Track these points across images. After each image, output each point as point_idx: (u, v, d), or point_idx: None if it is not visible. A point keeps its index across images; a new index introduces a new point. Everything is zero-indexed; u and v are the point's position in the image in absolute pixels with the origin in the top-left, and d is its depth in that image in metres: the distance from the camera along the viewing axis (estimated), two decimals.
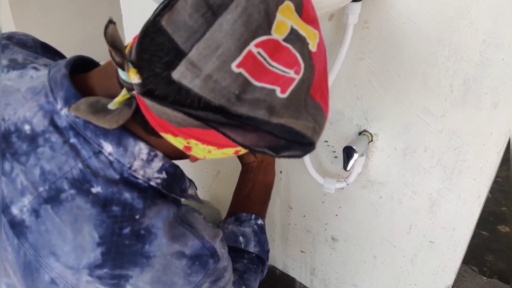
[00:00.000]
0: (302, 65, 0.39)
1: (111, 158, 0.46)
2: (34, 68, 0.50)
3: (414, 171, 0.83)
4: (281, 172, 1.07)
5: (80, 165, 0.45)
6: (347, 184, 0.90)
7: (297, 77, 0.39)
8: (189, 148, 0.44)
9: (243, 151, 0.46)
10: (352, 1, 0.68)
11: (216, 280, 0.51)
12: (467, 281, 1.31)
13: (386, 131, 0.83)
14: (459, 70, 0.70)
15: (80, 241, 0.44)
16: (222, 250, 0.53)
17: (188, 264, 0.48)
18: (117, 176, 0.46)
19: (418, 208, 0.87)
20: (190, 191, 0.55)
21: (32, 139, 0.45)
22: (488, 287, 1.30)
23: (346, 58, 0.78)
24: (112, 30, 0.39)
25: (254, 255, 0.71)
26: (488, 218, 1.55)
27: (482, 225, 1.52)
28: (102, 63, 0.51)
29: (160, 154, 0.48)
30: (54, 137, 0.45)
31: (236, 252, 0.70)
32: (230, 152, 0.45)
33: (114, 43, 0.39)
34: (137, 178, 0.47)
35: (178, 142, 0.44)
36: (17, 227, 0.45)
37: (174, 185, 0.51)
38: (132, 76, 0.39)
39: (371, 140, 0.85)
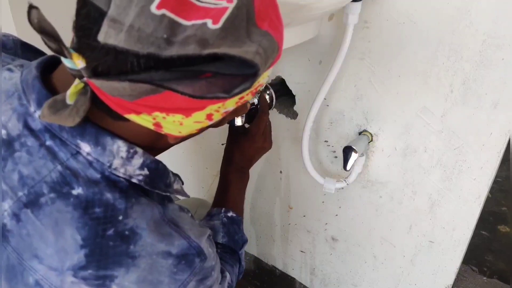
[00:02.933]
0: None
1: (89, 158, 0.45)
2: (9, 69, 0.49)
3: (414, 171, 0.83)
4: (281, 172, 1.07)
5: (59, 167, 0.44)
6: (347, 184, 0.90)
7: (231, 5, 0.37)
8: (159, 125, 0.43)
9: (215, 114, 0.44)
10: (352, 1, 0.68)
11: (203, 279, 0.51)
12: (467, 281, 1.30)
13: (386, 131, 0.83)
14: (459, 70, 0.70)
15: (62, 243, 0.44)
16: (209, 249, 0.52)
17: (174, 263, 0.47)
18: (98, 175, 0.45)
19: (418, 208, 0.87)
20: (175, 186, 0.54)
21: (9, 143, 0.45)
22: (488, 287, 1.30)
23: (346, 58, 0.78)
24: (36, 15, 0.37)
25: (223, 245, 0.71)
26: (488, 218, 1.55)
27: (482, 225, 1.52)
28: None
29: (139, 150, 0.47)
30: (30, 141, 0.44)
31: None
32: (201, 117, 0.43)
33: (44, 29, 0.37)
34: (118, 176, 0.46)
35: (145, 121, 0.42)
36: None
37: (158, 181, 0.50)
38: (76, 62, 0.38)
39: (371, 140, 0.85)
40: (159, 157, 0.52)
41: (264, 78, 0.46)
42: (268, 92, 0.90)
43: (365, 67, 0.80)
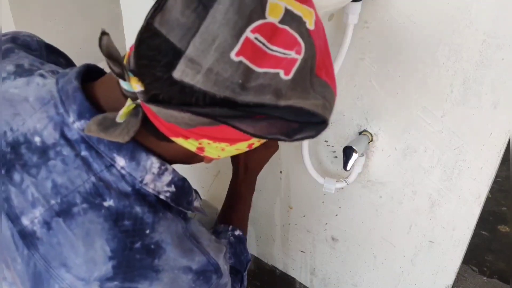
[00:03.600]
0: (302, 45, 0.39)
1: (123, 171, 0.46)
2: (41, 75, 0.49)
3: (414, 171, 0.83)
4: (281, 172, 1.07)
5: (93, 178, 0.45)
6: (347, 184, 0.90)
7: (299, 57, 0.39)
8: (202, 149, 0.44)
9: (256, 143, 0.45)
10: (352, 1, 0.68)
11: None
12: (467, 281, 1.31)
13: (386, 131, 0.83)
14: (459, 70, 0.70)
15: (92, 254, 0.45)
16: (224, 267, 0.54)
17: (193, 278, 0.49)
18: (129, 189, 0.46)
19: (418, 208, 0.87)
20: (195, 203, 0.55)
21: (43, 151, 0.45)
22: (488, 287, 1.31)
23: (346, 58, 0.78)
24: (106, 41, 0.39)
25: (229, 266, 0.72)
26: (488, 218, 1.55)
27: (482, 225, 1.52)
28: (102, 64, 0.51)
29: (170, 168, 0.49)
30: (66, 151, 0.45)
31: None
32: (243, 146, 0.45)
33: (111, 54, 0.39)
34: (147, 191, 0.47)
35: (190, 145, 0.44)
36: (27, 238, 0.45)
37: (182, 198, 0.52)
38: (134, 85, 0.39)
39: (371, 140, 0.85)
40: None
41: None
42: None
43: (365, 67, 0.80)
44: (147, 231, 0.46)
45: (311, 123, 0.42)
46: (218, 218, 0.80)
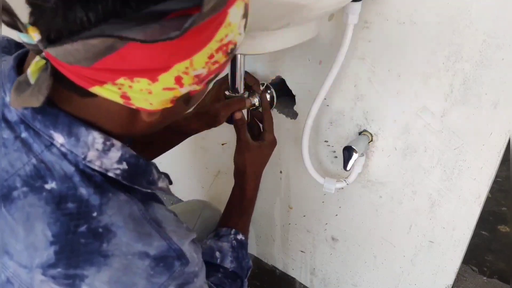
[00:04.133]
0: None
1: (63, 149, 0.43)
2: None
3: (414, 171, 0.83)
4: (281, 172, 1.07)
5: (33, 160, 0.43)
6: (347, 184, 0.90)
7: None
8: (126, 97, 0.40)
9: (185, 78, 0.41)
10: (352, 1, 0.68)
11: (184, 284, 0.48)
12: (467, 281, 1.30)
13: (386, 131, 0.83)
14: (459, 70, 0.70)
15: (32, 239, 0.43)
16: (193, 254, 0.50)
17: (151, 265, 0.45)
18: (73, 169, 0.44)
19: (418, 208, 0.87)
20: (161, 184, 0.52)
21: None
22: (488, 287, 1.30)
23: (346, 58, 0.78)
24: None
25: (230, 270, 0.69)
26: (488, 218, 1.55)
27: (482, 225, 1.52)
28: None
29: (117, 143, 0.46)
30: (6, 133, 0.43)
31: (211, 267, 0.68)
32: (169, 82, 0.40)
33: (2, 6, 0.37)
34: (93, 170, 0.45)
35: (111, 92, 0.40)
36: None
37: (139, 177, 0.49)
38: (33, 35, 0.37)
39: (371, 140, 0.85)
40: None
41: (234, 32, 0.42)
42: (269, 91, 0.90)
43: (365, 67, 0.80)
44: (94, 214, 0.43)
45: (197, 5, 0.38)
46: (220, 221, 0.79)
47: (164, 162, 0.89)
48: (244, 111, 0.82)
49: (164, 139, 0.85)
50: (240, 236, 0.74)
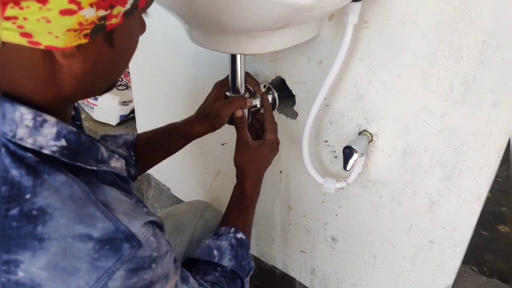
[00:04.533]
0: None
1: None
2: None
3: (414, 171, 0.83)
4: (281, 172, 1.08)
5: None
6: (347, 184, 0.90)
7: None
8: (27, 34, 0.36)
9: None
10: (352, 1, 0.68)
11: (137, 270, 0.44)
12: (467, 281, 1.30)
13: (386, 131, 0.83)
14: (459, 70, 0.70)
15: None
16: (149, 237, 0.45)
17: (95, 247, 0.41)
18: (3, 149, 0.41)
19: (418, 208, 0.87)
20: (114, 164, 0.49)
21: None
22: (488, 287, 1.30)
23: (346, 58, 0.78)
24: None
25: (228, 269, 0.67)
26: (488, 218, 1.55)
27: (482, 225, 1.52)
28: None
29: (51, 119, 0.42)
30: None
31: (208, 265, 0.67)
32: (62, 3, 0.36)
33: None
34: (26, 149, 0.41)
35: (8, 32, 0.36)
36: None
37: (84, 155, 0.46)
38: None
39: (371, 140, 0.85)
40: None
41: None
42: (270, 92, 0.90)
43: (365, 67, 0.80)
44: (27, 196, 0.40)
45: None
46: (221, 221, 0.78)
47: (164, 162, 0.89)
48: (245, 112, 0.82)
49: (168, 144, 0.86)
50: (240, 235, 0.72)
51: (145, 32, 0.52)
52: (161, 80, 1.24)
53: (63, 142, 0.43)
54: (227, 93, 0.83)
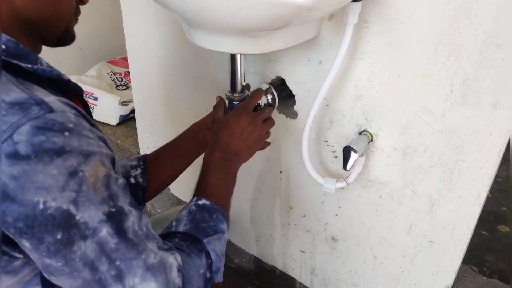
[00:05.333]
0: None
1: None
2: None
3: (414, 171, 0.83)
4: (281, 172, 1.08)
5: None
6: (347, 184, 0.90)
7: None
8: None
9: None
10: (352, 1, 0.68)
11: (44, 129, 0.45)
12: (467, 281, 1.30)
13: (386, 131, 0.83)
14: (459, 70, 0.70)
15: None
16: (66, 111, 0.47)
17: (5, 108, 0.44)
18: None
19: (418, 208, 0.87)
20: (45, 66, 0.54)
21: None
22: (488, 287, 1.30)
23: (346, 58, 0.78)
24: None
25: (182, 232, 0.63)
26: (488, 218, 1.55)
27: (482, 225, 1.52)
28: (101, 64, 0.52)
29: None
30: None
31: (169, 236, 0.64)
32: None
33: None
34: None
35: None
36: None
37: (22, 59, 0.51)
38: None
39: (371, 140, 0.85)
40: None
41: None
42: (270, 92, 0.90)
43: (365, 67, 0.80)
44: None
45: None
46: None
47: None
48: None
49: (190, 151, 0.87)
50: (202, 201, 0.66)
51: (84, 2, 0.64)
52: (161, 80, 1.24)
53: (3, 47, 0.49)
54: (227, 93, 0.83)
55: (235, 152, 0.74)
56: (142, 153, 1.48)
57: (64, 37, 0.62)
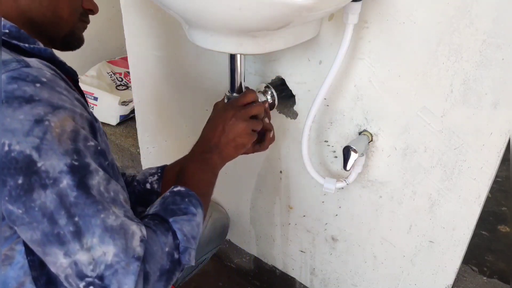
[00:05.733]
0: None
1: None
2: None
3: (414, 171, 0.83)
4: (281, 172, 1.08)
5: None
6: (347, 184, 0.90)
7: None
8: None
9: None
10: (352, 1, 0.68)
11: (17, 79, 0.49)
12: (467, 281, 1.30)
13: (386, 131, 0.83)
14: (459, 70, 0.70)
15: None
16: (43, 70, 0.52)
17: None
18: None
19: (418, 208, 0.87)
20: (41, 47, 0.59)
21: None
22: (488, 287, 1.30)
23: (346, 58, 0.78)
24: None
25: (151, 214, 0.63)
26: (488, 218, 1.55)
27: (482, 225, 1.52)
28: (101, 64, 0.54)
29: (4, 20, 0.57)
30: None
31: (143, 219, 0.63)
32: None
33: None
34: None
35: None
36: None
37: (22, 40, 0.57)
38: None
39: (371, 140, 0.85)
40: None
41: None
42: (269, 92, 0.90)
43: (365, 67, 0.80)
44: None
45: None
46: None
47: (164, 162, 0.89)
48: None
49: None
50: (177, 188, 0.66)
51: (95, 11, 0.72)
52: (161, 80, 1.24)
53: (6, 30, 0.56)
54: (226, 93, 0.83)
55: (215, 145, 0.74)
56: (142, 153, 1.48)
57: (70, 40, 0.68)
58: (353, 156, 0.79)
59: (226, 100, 0.83)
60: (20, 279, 0.56)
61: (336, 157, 0.94)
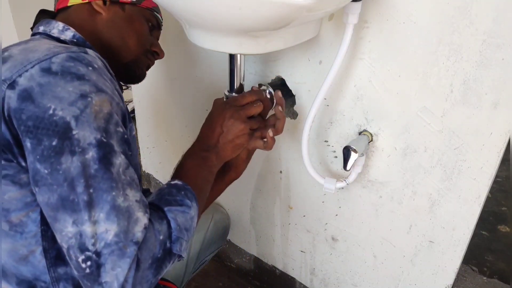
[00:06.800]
0: None
1: (41, 30, 0.72)
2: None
3: (414, 171, 0.83)
4: (281, 172, 1.08)
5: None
6: (347, 184, 0.90)
7: None
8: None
9: None
10: (352, 1, 0.68)
11: (75, 59, 0.58)
12: (467, 281, 1.31)
13: (386, 131, 0.83)
14: (459, 70, 0.70)
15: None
16: (97, 60, 0.61)
17: (58, 47, 0.61)
18: (45, 35, 0.71)
19: (418, 208, 0.87)
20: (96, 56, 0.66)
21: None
22: (488, 287, 1.30)
23: (346, 58, 0.78)
24: None
25: (150, 203, 0.64)
26: (488, 218, 1.55)
27: (482, 225, 1.52)
28: None
29: (73, 29, 0.71)
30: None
31: None
32: None
33: None
34: (59, 39, 0.70)
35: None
36: None
37: (81, 44, 0.70)
38: None
39: (371, 140, 0.85)
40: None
41: None
42: (268, 91, 0.90)
43: (365, 67, 0.80)
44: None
45: None
46: None
47: (164, 162, 0.89)
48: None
49: (237, 166, 0.86)
50: (174, 182, 0.68)
51: (161, 55, 0.89)
52: (161, 80, 1.24)
53: (74, 39, 0.71)
54: (226, 93, 0.83)
55: (213, 145, 0.76)
56: (142, 153, 1.48)
57: (131, 69, 0.81)
58: (353, 156, 0.79)
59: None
60: (31, 247, 0.59)
61: (336, 157, 0.94)
